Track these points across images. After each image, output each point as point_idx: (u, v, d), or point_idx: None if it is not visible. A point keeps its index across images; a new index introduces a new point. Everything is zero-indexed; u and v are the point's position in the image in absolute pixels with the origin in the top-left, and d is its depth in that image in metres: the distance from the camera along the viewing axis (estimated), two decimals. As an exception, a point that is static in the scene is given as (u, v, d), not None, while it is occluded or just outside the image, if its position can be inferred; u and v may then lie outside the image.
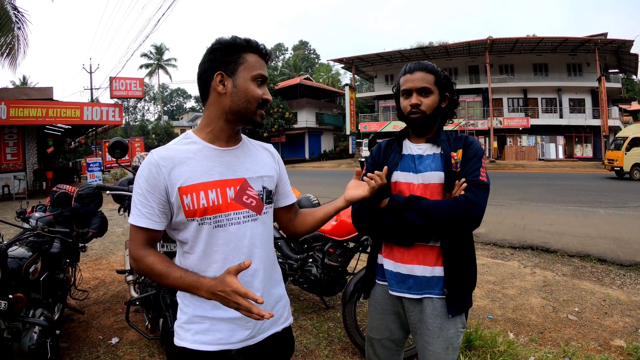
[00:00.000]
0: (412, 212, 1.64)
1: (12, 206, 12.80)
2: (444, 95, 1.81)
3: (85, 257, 6.01)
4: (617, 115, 34.50)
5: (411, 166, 1.77)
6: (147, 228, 1.28)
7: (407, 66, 1.83)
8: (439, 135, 1.80)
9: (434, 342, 1.72)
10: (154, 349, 3.28)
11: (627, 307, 4.05)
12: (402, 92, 1.82)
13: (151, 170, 1.27)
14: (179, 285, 1.24)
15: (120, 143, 2.94)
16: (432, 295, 1.72)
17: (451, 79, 1.87)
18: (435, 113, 1.78)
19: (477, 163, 1.71)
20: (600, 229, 7.45)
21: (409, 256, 1.75)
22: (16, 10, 13.19)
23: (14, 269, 2.47)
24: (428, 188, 1.72)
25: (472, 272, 1.79)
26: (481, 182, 1.66)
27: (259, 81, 1.33)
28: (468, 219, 1.61)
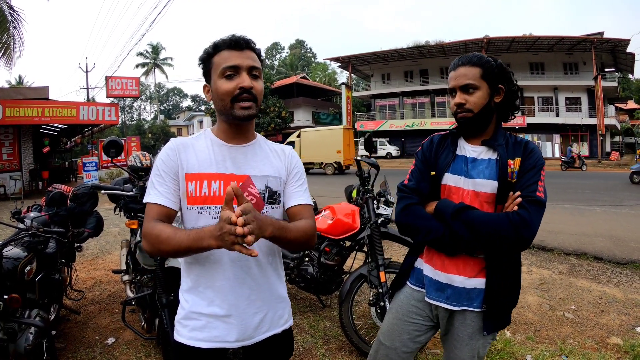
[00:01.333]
0: (460, 222, 1.54)
1: (7, 206, 12.72)
2: (496, 89, 1.64)
3: (81, 257, 5.98)
4: (613, 114, 34.66)
5: (463, 169, 1.64)
6: (163, 205, 1.33)
7: (452, 62, 1.68)
8: (496, 137, 1.65)
9: (461, 349, 1.67)
10: (150, 348, 3.27)
11: (624, 305, 4.06)
12: (448, 91, 1.69)
13: (169, 153, 1.37)
14: (185, 240, 1.21)
15: (115, 142, 2.92)
16: (471, 308, 1.63)
17: (508, 68, 1.69)
18: (485, 110, 1.62)
19: (536, 176, 1.56)
20: (597, 227, 7.47)
21: (449, 265, 1.65)
22: (11, 10, 13.14)
23: (9, 270, 2.45)
24: (479, 196, 1.60)
25: (516, 288, 1.68)
26: (538, 199, 1.52)
27: (228, 75, 1.32)
28: (518, 239, 1.49)
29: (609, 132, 34.98)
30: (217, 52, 1.35)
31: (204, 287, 1.35)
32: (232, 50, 1.33)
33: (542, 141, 33.61)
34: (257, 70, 1.35)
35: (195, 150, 1.38)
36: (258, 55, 1.39)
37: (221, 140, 1.41)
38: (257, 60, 1.37)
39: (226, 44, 1.33)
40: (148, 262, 2.93)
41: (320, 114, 44.44)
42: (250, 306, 1.37)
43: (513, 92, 1.69)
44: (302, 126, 40.63)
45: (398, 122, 37.32)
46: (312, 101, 44.11)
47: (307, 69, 62.82)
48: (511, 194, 1.55)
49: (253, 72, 1.34)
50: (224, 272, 1.33)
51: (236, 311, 1.34)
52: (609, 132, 35.11)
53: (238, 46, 1.33)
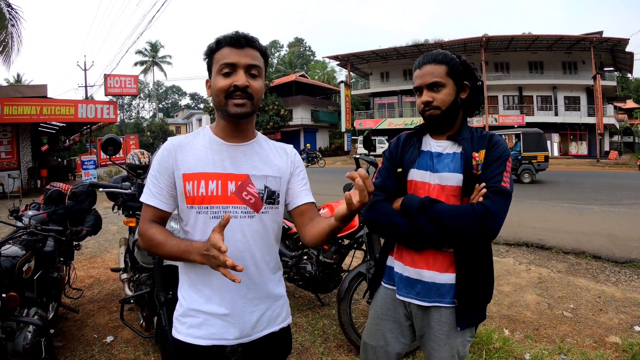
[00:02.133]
0: (425, 217, 1.54)
1: (6, 205, 12.69)
2: (462, 85, 1.65)
3: (79, 256, 5.97)
4: (612, 113, 34.67)
5: (429, 164, 1.65)
6: (154, 207, 1.36)
7: (417, 60, 1.69)
8: (461, 132, 1.67)
9: (440, 349, 1.64)
10: (148, 347, 3.27)
11: (622, 304, 4.07)
12: (414, 89, 1.70)
13: (164, 154, 1.38)
14: (175, 251, 1.28)
15: (113, 140, 2.91)
16: (442, 304, 1.62)
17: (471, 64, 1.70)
18: (453, 107, 1.63)
19: (501, 167, 1.57)
20: (595, 226, 7.48)
21: (419, 260, 1.64)
22: (10, 7, 13.11)
23: (7, 268, 2.44)
24: (444, 190, 1.61)
25: (488, 282, 1.67)
26: (503, 190, 1.52)
27: (225, 72, 1.32)
28: (483, 230, 1.48)
29: (608, 131, 35.04)
30: (219, 49, 1.34)
31: (201, 285, 1.36)
32: (232, 47, 1.32)
33: (541, 140, 33.64)
34: (257, 69, 1.34)
35: (193, 149, 1.37)
36: (263, 53, 1.38)
37: (220, 138, 1.40)
38: (258, 58, 1.35)
39: (227, 41, 1.33)
40: (146, 260, 2.93)
41: (319, 112, 44.43)
42: (247, 304, 1.37)
43: (477, 87, 1.70)
44: (301, 124, 40.67)
45: (397, 121, 37.26)
46: (311, 99, 44.08)
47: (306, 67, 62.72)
48: (477, 186, 1.56)
49: (251, 70, 1.33)
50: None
51: (234, 309, 1.34)
52: (608, 132, 35.18)
53: (238, 44, 1.32)
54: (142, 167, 3.75)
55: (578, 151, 33.22)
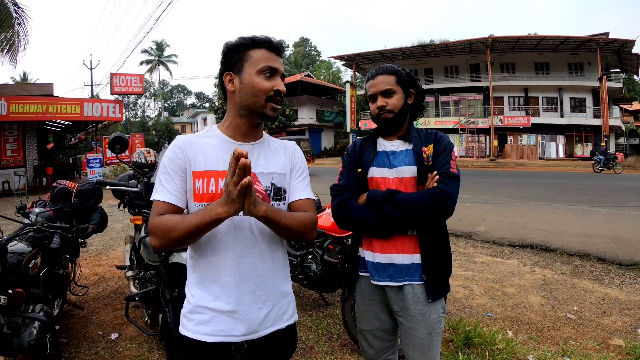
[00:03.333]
0: (390, 205, 1.73)
1: (12, 202, 12.77)
2: (408, 92, 1.91)
3: (85, 253, 6.01)
4: (618, 115, 34.46)
5: (386, 162, 1.87)
6: (170, 203, 1.34)
7: (369, 73, 1.96)
8: (410, 132, 1.92)
9: (417, 328, 1.80)
10: (153, 344, 3.29)
11: (626, 307, 4.05)
12: (368, 97, 1.93)
13: (175, 151, 1.39)
14: (194, 220, 1.24)
15: (120, 138, 2.94)
16: (412, 281, 1.81)
17: (413, 74, 1.96)
18: (403, 111, 1.88)
19: (448, 156, 1.80)
20: (600, 228, 7.44)
21: (388, 246, 1.83)
22: (16, 6, 13.20)
23: (14, 264, 2.47)
24: (402, 182, 1.83)
25: (448, 258, 1.90)
26: (452, 174, 1.76)
27: (266, 74, 1.36)
28: (442, 209, 1.70)
29: (614, 133, 34.77)
30: (256, 47, 1.38)
31: (210, 282, 1.37)
32: (272, 52, 1.39)
33: (546, 141, 33.48)
34: (284, 78, 1.44)
35: (202, 147, 1.40)
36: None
37: (229, 137, 1.43)
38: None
39: (267, 44, 1.38)
40: (152, 258, 2.95)
41: (325, 112, 44.40)
42: (255, 301, 1.38)
43: (420, 93, 1.97)
44: (307, 124, 40.67)
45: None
46: (316, 99, 44.06)
47: (312, 67, 62.72)
48: (429, 175, 1.78)
49: (282, 79, 1.42)
50: (229, 268, 1.35)
51: (241, 306, 1.36)
52: (614, 133, 34.89)
53: (277, 51, 1.40)
54: (148, 165, 3.77)
55: (583, 153, 32.97)
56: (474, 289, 4.61)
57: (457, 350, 3.09)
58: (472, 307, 4.09)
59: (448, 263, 1.91)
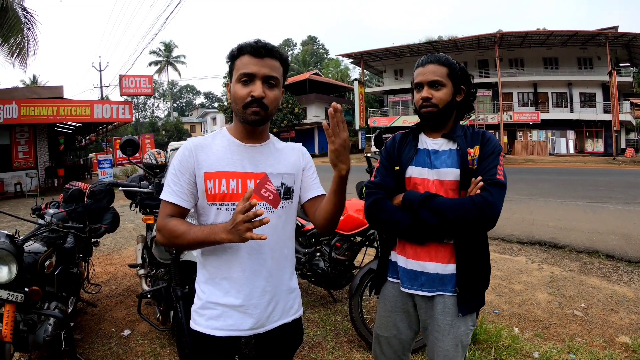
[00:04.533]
0: (427, 210, 1.61)
1: (24, 203, 12.99)
2: (458, 89, 1.76)
3: (97, 252, 6.11)
4: (628, 109, 34.10)
5: (426, 161, 1.74)
6: (175, 204, 1.41)
7: (420, 59, 1.79)
8: (455, 130, 1.76)
9: (444, 339, 1.70)
10: (165, 340, 3.37)
11: (634, 304, 4.04)
12: (414, 85, 1.79)
13: (184, 153, 1.43)
14: (199, 235, 1.31)
15: (132, 141, 3.01)
16: (444, 292, 1.70)
17: (468, 71, 1.81)
18: (448, 107, 1.73)
19: (495, 160, 1.66)
20: (610, 225, 7.40)
21: (422, 253, 1.71)
22: (25, 11, 13.39)
23: (30, 264, 2.54)
24: (443, 185, 1.69)
25: (486, 270, 1.77)
26: (498, 182, 1.61)
27: (243, 81, 1.38)
28: (483, 220, 1.58)
29: (624, 128, 34.42)
30: (241, 55, 1.40)
31: (220, 278, 1.43)
32: (252, 56, 1.37)
33: (556, 137, 33.23)
34: (274, 79, 1.39)
35: (213, 149, 1.44)
36: (283, 61, 1.44)
37: (237, 139, 1.48)
38: (276, 68, 1.40)
39: (247, 50, 1.39)
40: (164, 256, 3.01)
41: (333, 110, 44.33)
42: (264, 296, 1.44)
43: (472, 93, 1.82)
44: (315, 122, 40.67)
45: (411, 118, 36.94)
46: (324, 97, 44.02)
47: (320, 65, 62.68)
48: (473, 180, 1.64)
49: (269, 80, 1.39)
50: (241, 264, 1.41)
51: (250, 301, 1.42)
52: (624, 128, 34.55)
53: (258, 53, 1.37)
54: (158, 166, 3.85)
55: (594, 148, 32.71)
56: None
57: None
58: (479, 303, 4.10)
59: (485, 276, 1.77)
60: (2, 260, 2.25)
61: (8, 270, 2.25)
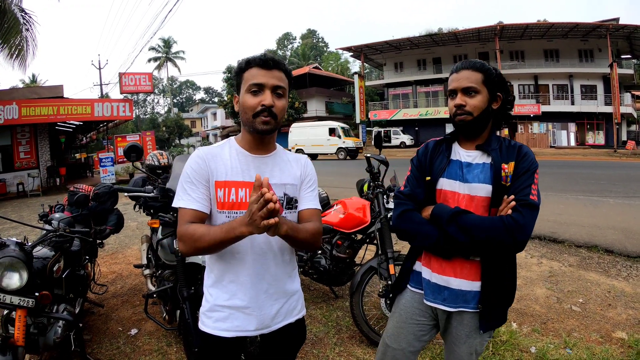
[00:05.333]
0: (456, 226, 1.58)
1: (27, 203, 13.07)
2: (494, 96, 1.70)
3: (101, 252, 6.16)
4: (629, 101, 34.03)
5: (458, 174, 1.69)
6: (197, 210, 1.46)
7: (455, 65, 1.74)
8: (490, 142, 1.70)
9: (459, 347, 1.74)
10: (171, 338, 3.44)
11: (632, 300, 4.08)
12: (448, 92, 1.74)
13: (198, 161, 1.50)
14: (219, 234, 1.35)
15: (136, 147, 3.07)
16: (467, 309, 1.69)
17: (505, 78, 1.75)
18: (484, 115, 1.67)
19: (530, 179, 1.60)
20: (609, 220, 7.40)
21: (447, 268, 1.69)
22: (23, 12, 13.43)
23: (39, 269, 2.60)
24: (474, 200, 1.65)
25: (511, 289, 1.74)
26: (531, 202, 1.56)
27: (253, 91, 1.45)
28: (512, 243, 1.54)
29: (625, 120, 34.34)
30: (248, 68, 1.47)
31: (227, 282, 1.50)
32: (261, 68, 1.46)
33: (557, 130, 33.20)
34: (282, 89, 1.48)
35: (223, 159, 1.51)
36: (288, 74, 1.52)
37: (245, 150, 1.55)
38: (283, 79, 1.49)
39: (256, 62, 1.46)
40: (169, 258, 3.08)
41: (334, 104, 44.31)
42: (268, 299, 1.52)
43: (509, 102, 1.75)
44: (316, 116, 40.63)
45: (411, 111, 37.09)
46: (325, 91, 43.98)
47: (320, 58, 62.51)
48: (505, 198, 1.59)
49: (277, 90, 1.47)
50: (247, 269, 1.49)
51: (256, 303, 1.50)
52: (625, 121, 34.46)
53: (266, 65, 1.46)
54: (161, 167, 3.91)
55: (595, 141, 32.69)
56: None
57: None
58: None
59: (511, 294, 1.74)
60: (13, 268, 2.31)
61: (19, 277, 2.31)
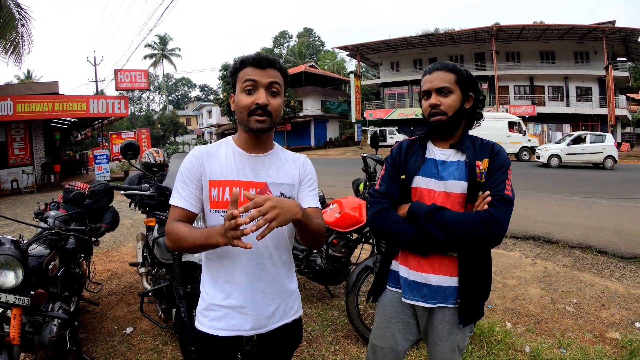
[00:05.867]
0: (433, 224, 1.60)
1: (21, 200, 13.00)
2: (467, 96, 1.74)
3: (96, 250, 6.11)
4: (624, 104, 34.20)
5: (434, 172, 1.71)
6: (183, 208, 1.48)
7: (428, 67, 1.78)
8: (463, 140, 1.74)
9: (442, 344, 1.75)
10: (167, 337, 3.44)
11: (625, 300, 4.13)
12: (422, 93, 1.77)
13: (192, 161, 1.51)
14: (199, 237, 1.37)
15: (132, 145, 3.06)
16: (446, 304, 1.71)
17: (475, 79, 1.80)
18: (457, 114, 1.71)
19: (503, 175, 1.65)
20: (603, 221, 7.50)
21: (425, 265, 1.71)
22: (19, 8, 13.34)
23: (35, 267, 2.60)
24: (450, 197, 1.68)
25: (487, 284, 1.78)
26: (506, 197, 1.61)
27: (248, 90, 1.45)
28: (490, 237, 1.58)
29: (620, 122, 34.53)
30: (243, 67, 1.48)
31: (223, 282, 1.51)
32: (255, 67, 1.46)
33: (552, 131, 33.30)
34: (276, 88, 1.47)
35: (218, 158, 1.52)
36: (283, 72, 1.51)
37: (241, 149, 1.54)
38: (278, 77, 1.48)
39: (250, 62, 1.46)
40: (165, 256, 3.08)
41: (329, 103, 44.24)
42: (264, 299, 1.52)
43: (480, 101, 1.80)
44: (312, 115, 40.61)
45: (407, 111, 37.01)
46: (321, 90, 43.86)
47: (316, 57, 62.48)
48: (481, 194, 1.64)
49: (271, 88, 1.46)
50: (242, 269, 1.49)
51: (252, 303, 1.50)
52: (620, 123, 34.65)
53: (260, 64, 1.46)
54: (157, 165, 3.90)
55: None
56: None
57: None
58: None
59: (487, 288, 1.78)
60: (8, 266, 2.30)
61: (14, 276, 2.30)
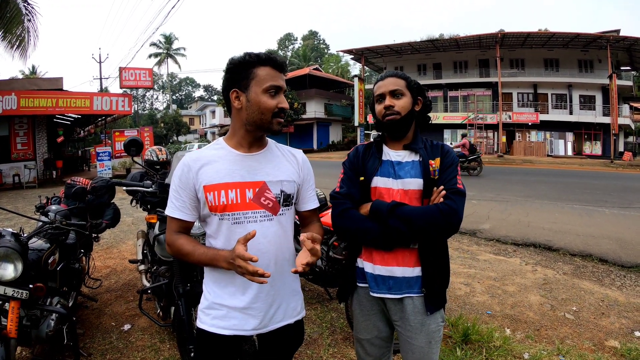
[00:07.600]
0: (396, 219, 1.70)
1: (22, 195, 13.02)
2: (416, 99, 1.89)
3: (96, 246, 6.13)
4: (627, 113, 34.14)
5: (391, 172, 1.83)
6: (179, 219, 1.52)
7: (379, 75, 1.94)
8: (416, 142, 1.88)
9: (417, 337, 1.80)
10: (164, 335, 3.43)
11: (625, 309, 4.11)
12: (375, 98, 1.91)
13: (183, 170, 1.51)
14: (203, 259, 1.44)
15: (136, 141, 3.06)
16: (412, 294, 1.80)
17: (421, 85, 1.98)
18: (409, 115, 1.85)
19: (454, 171, 1.81)
20: (604, 229, 7.47)
21: (389, 259, 1.80)
22: (26, 2, 13.37)
23: (34, 260, 2.60)
24: (407, 194, 1.80)
25: (446, 272, 1.89)
26: (459, 190, 1.75)
27: (271, 92, 1.45)
28: (449, 226, 1.70)
29: (623, 131, 34.46)
30: (262, 65, 1.46)
31: (226, 282, 1.50)
32: (276, 70, 1.48)
33: (554, 138, 33.29)
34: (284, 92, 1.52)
35: (211, 162, 1.50)
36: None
37: (235, 150, 1.54)
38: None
39: (272, 62, 1.47)
40: (165, 254, 3.06)
41: (333, 106, 44.31)
42: (267, 299, 1.52)
43: (427, 106, 1.95)
44: (315, 118, 40.64)
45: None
46: (324, 93, 43.95)
47: (320, 60, 62.53)
48: (436, 189, 1.76)
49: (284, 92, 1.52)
50: None
51: (254, 304, 1.50)
52: (623, 132, 34.59)
53: (281, 69, 1.49)
54: (160, 163, 3.90)
55: (592, 151, 32.77)
56: (475, 286, 4.70)
57: (455, 346, 3.19)
58: (473, 304, 4.18)
59: (446, 276, 1.89)
60: (8, 259, 2.30)
61: (14, 268, 2.31)
